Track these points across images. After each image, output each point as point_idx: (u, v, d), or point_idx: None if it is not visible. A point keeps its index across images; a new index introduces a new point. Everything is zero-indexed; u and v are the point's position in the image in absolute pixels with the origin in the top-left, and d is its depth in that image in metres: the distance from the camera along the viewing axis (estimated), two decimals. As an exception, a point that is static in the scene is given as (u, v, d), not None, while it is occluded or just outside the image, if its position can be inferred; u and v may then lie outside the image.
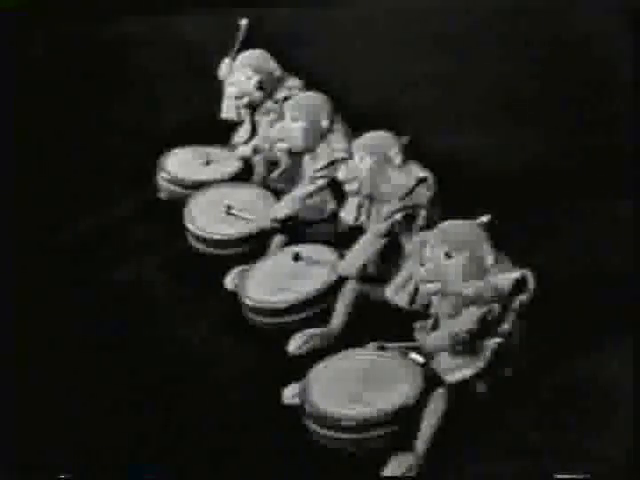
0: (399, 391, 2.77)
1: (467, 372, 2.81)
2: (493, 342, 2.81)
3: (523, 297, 2.80)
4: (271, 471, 2.76)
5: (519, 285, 2.79)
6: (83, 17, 4.93)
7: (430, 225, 3.00)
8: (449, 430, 2.74)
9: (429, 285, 2.84)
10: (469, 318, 2.78)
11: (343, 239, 3.34)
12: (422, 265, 2.84)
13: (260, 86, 3.77)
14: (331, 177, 3.39)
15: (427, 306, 2.96)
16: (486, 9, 4.71)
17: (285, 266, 3.31)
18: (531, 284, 2.79)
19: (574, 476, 2.64)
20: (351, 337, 3.04)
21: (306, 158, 3.53)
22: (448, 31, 4.70)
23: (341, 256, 3.25)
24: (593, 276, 3.30)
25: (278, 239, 3.47)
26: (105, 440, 2.87)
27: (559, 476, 2.65)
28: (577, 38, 4.56)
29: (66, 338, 3.22)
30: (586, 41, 4.54)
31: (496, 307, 2.79)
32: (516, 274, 2.79)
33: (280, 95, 3.75)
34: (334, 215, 3.43)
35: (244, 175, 3.82)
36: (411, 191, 3.09)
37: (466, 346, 2.79)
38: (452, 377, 2.80)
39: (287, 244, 3.43)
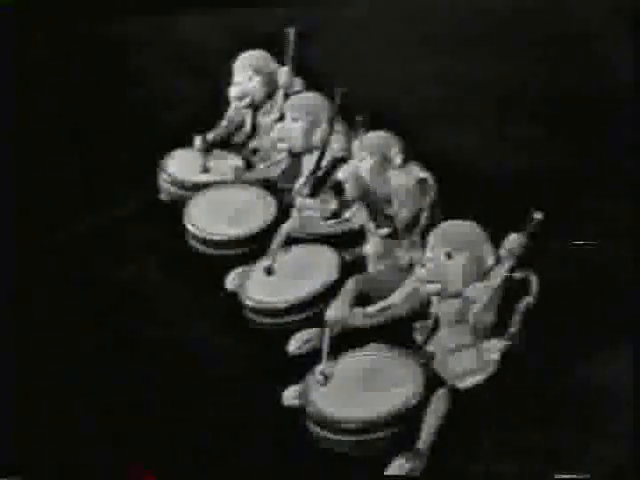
0: (400, 392, 2.77)
1: (478, 378, 2.80)
2: (501, 345, 2.80)
3: (530, 299, 2.80)
4: (271, 471, 2.76)
5: (525, 286, 2.79)
6: (83, 17, 4.93)
7: (432, 226, 3.00)
8: (450, 430, 2.74)
9: (429, 285, 2.84)
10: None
11: (343, 239, 3.34)
12: (422, 265, 2.84)
13: (261, 87, 3.78)
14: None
15: (427, 306, 2.96)
16: (486, 9, 4.72)
17: (285, 266, 3.31)
18: (535, 286, 2.79)
19: (574, 476, 2.64)
20: (351, 337, 3.03)
21: (306, 158, 3.53)
22: (448, 31, 4.70)
23: (340, 256, 3.27)
24: (593, 277, 3.29)
25: (278, 239, 3.46)
26: (104, 440, 2.87)
27: (559, 476, 2.65)
28: (577, 38, 4.56)
29: (66, 338, 3.22)
30: (586, 41, 4.54)
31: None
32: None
33: (280, 95, 3.76)
34: (334, 215, 3.43)
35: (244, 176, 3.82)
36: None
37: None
38: (462, 384, 2.80)
39: (287, 244, 3.43)
